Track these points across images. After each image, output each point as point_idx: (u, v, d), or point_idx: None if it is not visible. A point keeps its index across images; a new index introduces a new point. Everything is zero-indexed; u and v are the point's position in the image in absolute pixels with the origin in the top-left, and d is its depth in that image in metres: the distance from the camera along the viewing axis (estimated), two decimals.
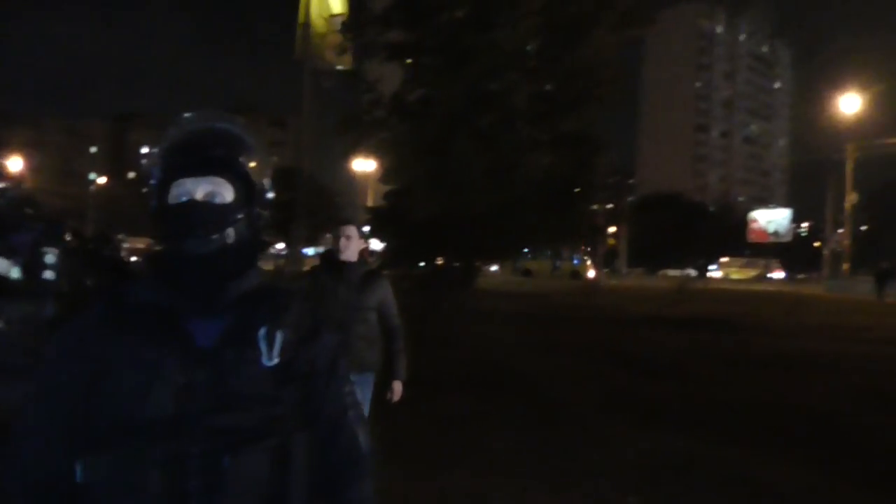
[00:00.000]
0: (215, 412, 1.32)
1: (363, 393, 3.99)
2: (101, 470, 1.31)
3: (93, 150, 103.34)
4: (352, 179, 58.69)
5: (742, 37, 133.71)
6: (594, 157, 9.22)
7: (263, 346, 1.39)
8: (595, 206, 10.13)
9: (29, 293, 3.47)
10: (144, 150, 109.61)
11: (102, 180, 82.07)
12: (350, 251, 4.05)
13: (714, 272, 58.61)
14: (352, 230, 4.07)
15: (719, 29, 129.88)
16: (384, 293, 4.14)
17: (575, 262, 50.73)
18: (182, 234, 1.39)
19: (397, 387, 4.17)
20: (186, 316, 1.39)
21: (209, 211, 1.39)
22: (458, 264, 9.69)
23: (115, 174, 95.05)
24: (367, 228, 11.44)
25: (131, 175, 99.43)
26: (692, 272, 53.03)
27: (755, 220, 77.88)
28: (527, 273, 47.14)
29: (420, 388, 7.77)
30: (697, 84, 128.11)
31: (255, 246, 1.49)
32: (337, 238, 4.07)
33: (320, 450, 1.45)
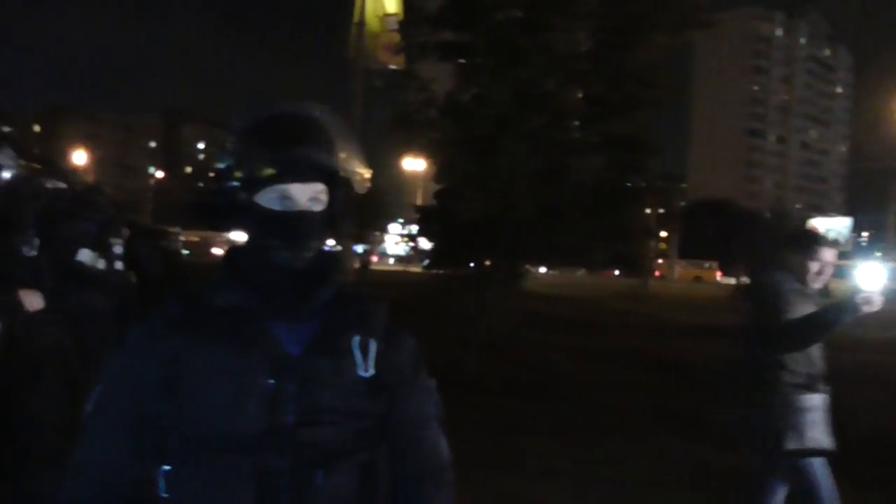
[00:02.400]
0: (307, 425, 1.25)
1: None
2: (189, 484, 1.23)
3: (152, 144, 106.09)
4: (401, 178, 58.99)
5: (802, 40, 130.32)
6: (647, 161, 9.06)
7: (359, 357, 1.31)
8: (647, 210, 9.92)
9: (101, 285, 3.51)
10: (200, 145, 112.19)
11: (160, 174, 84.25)
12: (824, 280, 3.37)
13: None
14: (831, 254, 3.34)
15: (778, 32, 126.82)
16: None
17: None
18: (280, 245, 1.30)
19: None
20: (270, 320, 1.29)
21: (311, 221, 1.31)
22: (505, 265, 9.62)
23: (170, 168, 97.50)
24: (414, 227, 11.42)
25: (188, 170, 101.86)
26: (746, 280, 51.41)
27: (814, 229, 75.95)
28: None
29: (470, 391, 7.78)
30: (753, 87, 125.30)
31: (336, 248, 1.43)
32: (810, 263, 3.33)
33: (400, 460, 1.37)
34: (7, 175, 3.14)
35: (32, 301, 3.05)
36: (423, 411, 1.42)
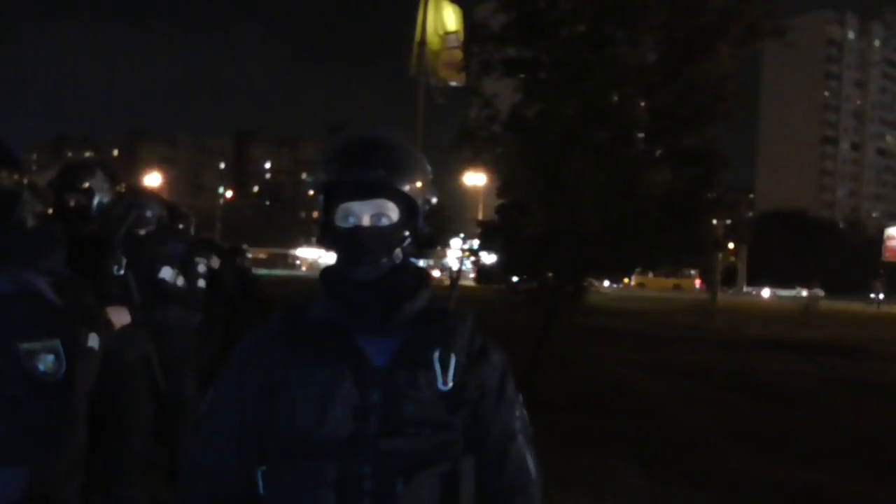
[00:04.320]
0: (389, 435, 1.31)
1: None
2: (282, 484, 1.33)
3: (222, 165, 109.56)
4: (462, 193, 59.28)
5: (876, 42, 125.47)
6: (717, 174, 8.84)
7: (438, 370, 1.36)
8: (714, 222, 9.67)
9: (183, 300, 3.69)
10: (267, 164, 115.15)
11: (229, 194, 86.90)
12: None
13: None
14: None
15: (850, 35, 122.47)
16: None
17: None
18: (351, 261, 1.39)
19: None
20: (360, 334, 1.38)
21: (376, 236, 1.38)
22: (570, 280, 9.53)
23: (239, 188, 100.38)
24: (476, 242, 11.45)
25: (255, 189, 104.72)
26: (819, 292, 49.61)
27: (892, 238, 72.08)
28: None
29: (537, 407, 7.73)
30: (825, 94, 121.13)
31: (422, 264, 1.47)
32: None
33: (487, 475, 1.41)
34: (99, 199, 3.31)
35: (120, 317, 3.21)
36: (510, 426, 1.46)
